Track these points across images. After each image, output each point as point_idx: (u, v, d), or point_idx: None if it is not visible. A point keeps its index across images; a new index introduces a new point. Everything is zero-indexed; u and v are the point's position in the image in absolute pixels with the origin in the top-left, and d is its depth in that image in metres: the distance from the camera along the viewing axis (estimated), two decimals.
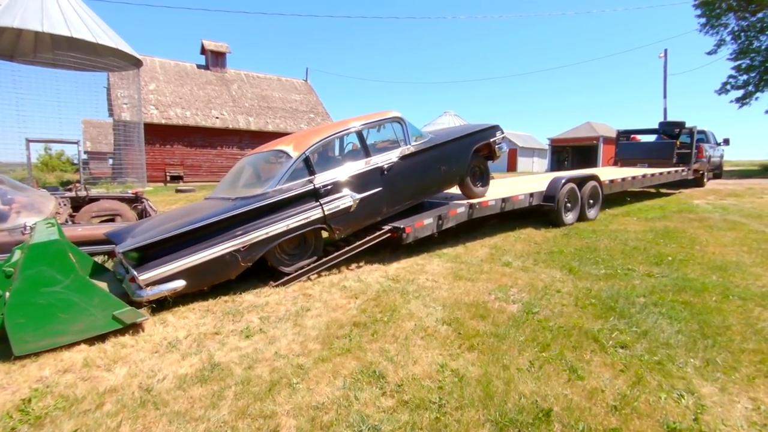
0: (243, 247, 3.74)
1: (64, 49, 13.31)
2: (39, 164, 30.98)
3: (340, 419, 1.99)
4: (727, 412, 2.06)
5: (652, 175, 9.09)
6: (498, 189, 6.80)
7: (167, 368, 2.47)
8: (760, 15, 19.98)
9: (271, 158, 4.70)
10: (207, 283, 3.71)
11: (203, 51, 23.41)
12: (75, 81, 16.24)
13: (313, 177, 4.24)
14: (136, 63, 15.32)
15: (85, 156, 25.99)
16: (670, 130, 11.69)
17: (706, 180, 12.25)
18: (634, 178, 8.41)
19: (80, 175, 15.40)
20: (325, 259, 4.30)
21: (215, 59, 23.48)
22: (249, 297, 3.70)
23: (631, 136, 12.93)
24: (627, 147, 12.56)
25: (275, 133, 20.58)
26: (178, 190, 14.66)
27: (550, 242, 5.56)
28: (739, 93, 22.09)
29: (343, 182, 4.41)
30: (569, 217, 6.64)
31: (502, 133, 6.17)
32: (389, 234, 4.68)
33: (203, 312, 3.37)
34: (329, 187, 4.30)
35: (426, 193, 5.32)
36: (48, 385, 2.31)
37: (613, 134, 14.05)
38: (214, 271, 3.67)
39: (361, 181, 4.52)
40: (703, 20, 21.81)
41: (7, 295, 2.61)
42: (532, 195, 6.24)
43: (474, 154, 5.65)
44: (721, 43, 21.97)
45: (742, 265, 4.41)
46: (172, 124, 19.43)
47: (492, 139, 5.92)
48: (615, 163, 12.56)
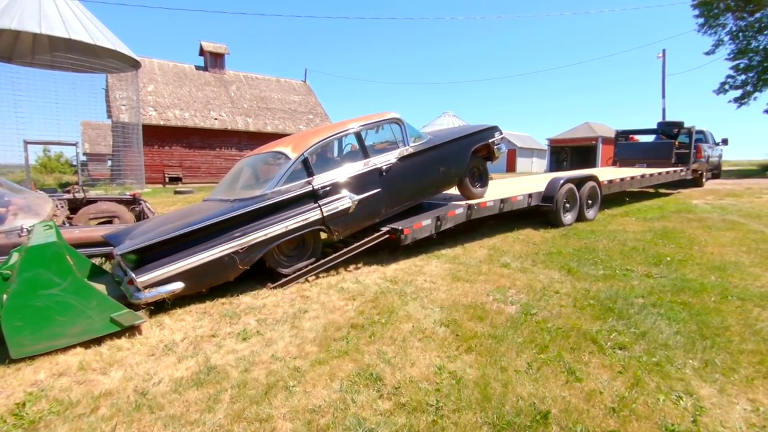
0: (241, 249, 3.73)
1: (62, 51, 13.32)
2: (38, 166, 30.95)
3: (337, 422, 1.98)
4: (725, 413, 2.05)
5: (651, 175, 9.09)
6: (497, 190, 6.80)
7: (163, 371, 2.46)
8: (758, 15, 20.03)
9: (270, 160, 4.70)
10: (205, 285, 3.70)
11: (202, 52, 23.40)
12: (73, 83, 16.28)
13: (311, 178, 4.24)
14: (135, 64, 15.34)
15: (83, 158, 26.00)
16: (668, 130, 11.69)
17: (704, 180, 12.26)
18: (632, 178, 8.40)
19: (78, 177, 15.39)
20: (324, 261, 4.29)
21: (214, 60, 23.47)
22: (246, 299, 3.68)
23: (630, 137, 12.94)
24: (626, 147, 12.56)
25: (274, 135, 20.57)
26: (177, 192, 14.64)
27: (549, 243, 5.55)
28: (738, 93, 22.18)
29: (342, 183, 4.40)
30: (568, 218, 6.64)
31: (501, 133, 6.17)
32: (388, 235, 4.68)
33: (200, 314, 3.36)
34: (328, 189, 4.29)
35: (425, 194, 5.31)
36: (43, 389, 2.29)
37: (612, 134, 14.05)
38: (213, 273, 3.65)
39: (360, 183, 4.51)
40: (701, 20, 21.87)
41: (4, 298, 2.60)
42: (530, 195, 6.24)
43: (473, 155, 5.65)
44: (719, 43, 22.04)
45: (741, 265, 4.41)
46: (170, 126, 19.42)
47: (491, 140, 5.91)
48: (614, 164, 12.55)
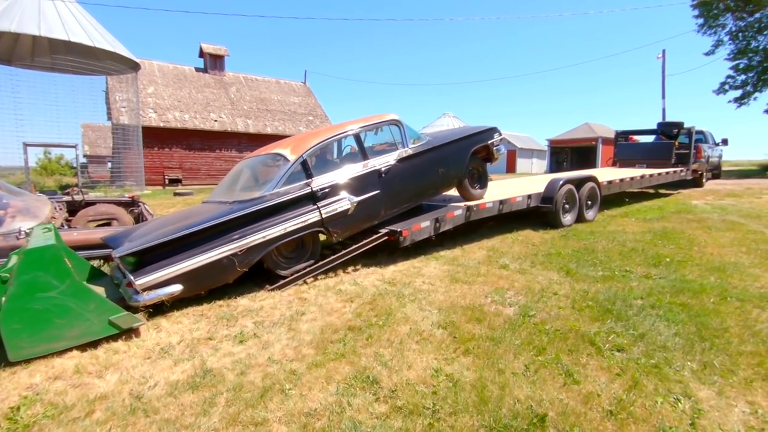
0: (240, 251, 3.72)
1: (61, 53, 13.35)
2: (38, 168, 31.01)
3: (333, 426, 1.96)
4: (724, 416, 2.04)
5: (651, 175, 9.07)
6: (496, 191, 6.79)
7: (159, 375, 2.45)
8: (757, 15, 20.02)
9: (269, 161, 4.69)
10: (204, 288, 3.69)
11: (202, 54, 23.43)
12: (73, 85, 16.34)
13: (310, 180, 4.23)
14: (134, 66, 15.36)
15: (84, 160, 26.04)
16: (668, 131, 11.68)
17: (704, 180, 12.24)
18: (632, 178, 8.39)
19: (78, 179, 15.41)
20: (322, 263, 4.28)
21: (214, 62, 23.50)
22: (244, 301, 3.67)
23: (630, 137, 12.93)
24: (625, 148, 12.54)
25: (274, 136, 20.58)
26: (177, 194, 14.63)
27: (548, 244, 5.54)
28: (738, 93, 22.15)
29: (341, 185, 4.40)
30: (567, 219, 6.62)
31: (500, 135, 6.17)
32: (386, 237, 4.67)
33: (197, 317, 3.35)
34: (327, 190, 4.29)
35: (424, 196, 5.30)
36: (38, 393, 2.28)
37: (612, 135, 14.04)
38: (212, 276, 3.64)
39: (359, 184, 4.51)
40: (701, 21, 21.86)
41: (2, 301, 2.59)
42: (530, 196, 6.22)
43: (472, 156, 5.64)
44: (719, 44, 22.02)
45: (741, 266, 4.39)
46: (170, 128, 19.44)
47: (490, 141, 5.91)
48: (614, 164, 12.53)
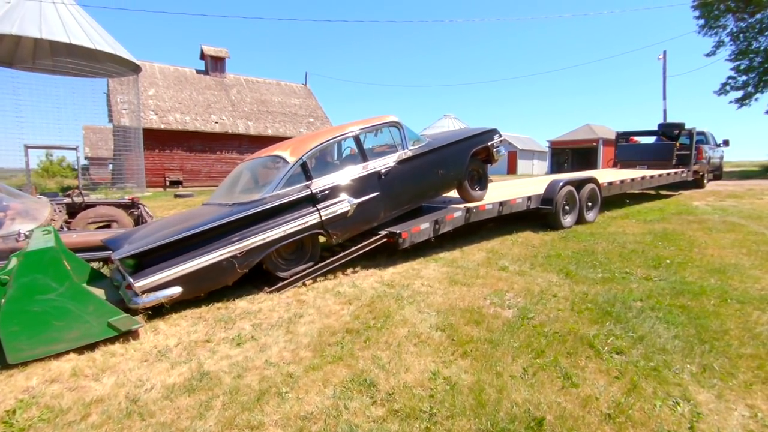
0: (240, 253, 3.72)
1: (63, 56, 13.40)
2: (39, 170, 31.09)
3: (329, 429, 1.95)
4: (723, 420, 2.02)
5: (652, 177, 9.04)
6: (496, 192, 6.78)
7: (155, 378, 2.44)
8: (758, 16, 19.99)
9: (269, 163, 4.69)
10: (203, 290, 3.68)
11: (202, 56, 23.50)
12: (74, 87, 16.39)
13: (310, 182, 4.23)
14: (135, 68, 15.41)
15: (85, 162, 26.09)
16: (669, 132, 11.65)
17: (705, 181, 12.20)
18: (633, 180, 8.37)
19: (79, 181, 15.44)
20: (321, 265, 4.27)
21: (214, 64, 23.57)
22: (242, 303, 3.67)
23: (631, 138, 12.90)
24: (626, 149, 12.51)
25: (274, 138, 20.59)
26: (177, 195, 14.65)
27: (548, 246, 5.52)
28: (739, 94, 22.11)
29: (341, 187, 4.39)
30: (567, 220, 6.61)
31: (500, 136, 6.16)
32: (386, 239, 4.66)
33: (195, 319, 3.34)
34: (326, 192, 4.28)
35: (424, 198, 5.30)
36: (34, 396, 2.28)
37: (613, 136, 14.01)
38: (211, 278, 3.64)
39: (359, 186, 4.50)
40: (702, 22, 21.84)
41: (2, 303, 2.59)
42: (530, 198, 6.21)
43: (472, 157, 5.63)
44: (720, 45, 21.99)
45: (741, 268, 4.37)
46: (171, 129, 19.48)
47: (490, 143, 5.90)
48: (614, 165, 12.51)
